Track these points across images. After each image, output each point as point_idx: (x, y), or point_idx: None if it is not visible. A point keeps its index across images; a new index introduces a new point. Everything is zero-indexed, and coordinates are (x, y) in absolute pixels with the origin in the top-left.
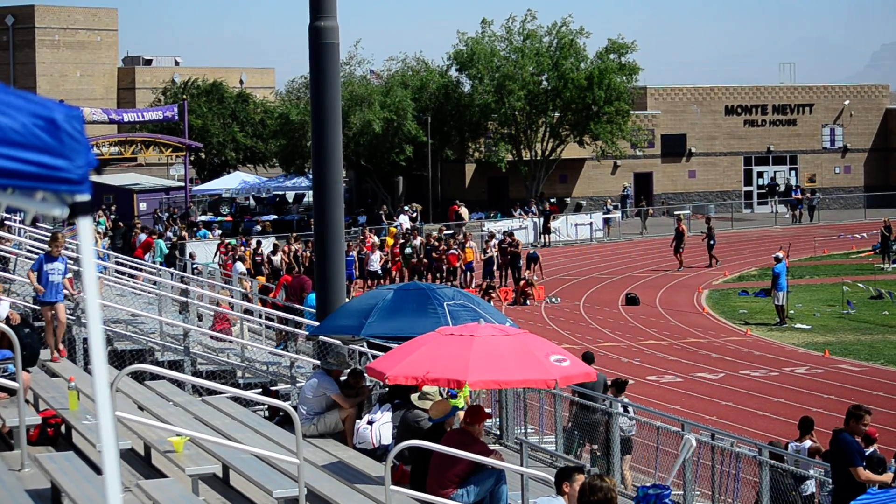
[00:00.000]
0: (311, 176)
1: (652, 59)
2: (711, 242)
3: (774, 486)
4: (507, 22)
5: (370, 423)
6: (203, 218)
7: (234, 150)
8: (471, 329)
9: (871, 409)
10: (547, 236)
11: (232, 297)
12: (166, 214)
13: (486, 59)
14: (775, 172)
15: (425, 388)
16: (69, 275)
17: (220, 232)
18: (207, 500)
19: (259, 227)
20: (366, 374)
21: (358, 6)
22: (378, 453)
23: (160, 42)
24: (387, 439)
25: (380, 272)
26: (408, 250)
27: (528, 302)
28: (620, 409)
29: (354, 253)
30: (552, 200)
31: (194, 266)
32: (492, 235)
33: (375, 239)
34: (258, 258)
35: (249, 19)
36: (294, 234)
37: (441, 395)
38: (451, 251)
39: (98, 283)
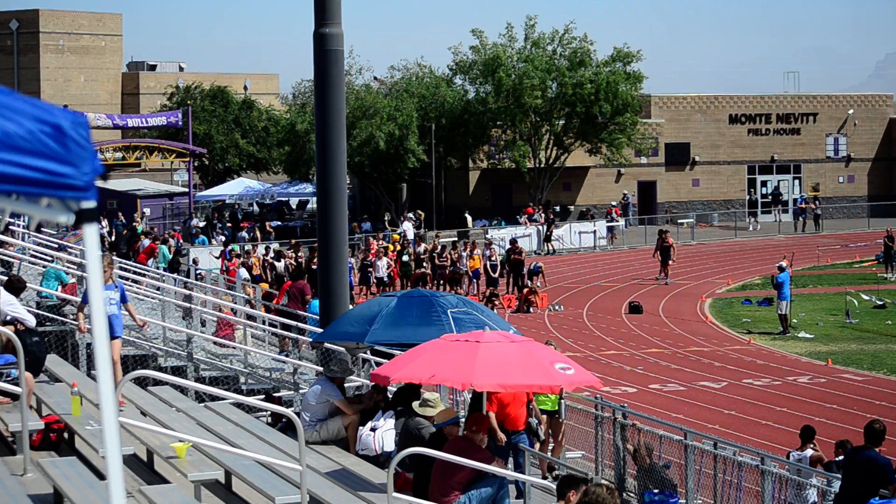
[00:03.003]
0: (315, 182)
1: (656, 68)
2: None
3: None
4: (508, 30)
5: (373, 429)
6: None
7: (238, 156)
8: (476, 335)
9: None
10: (549, 244)
11: (235, 303)
12: (195, 221)
13: (506, 67)
14: (778, 182)
15: (427, 396)
16: (129, 301)
17: (223, 238)
18: None
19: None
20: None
21: (350, 13)
22: (381, 460)
23: (165, 47)
24: (389, 446)
25: (386, 279)
26: (405, 258)
27: (531, 310)
28: None
29: (353, 260)
30: (556, 208)
31: (197, 272)
32: (489, 243)
33: (377, 246)
34: (266, 264)
35: (254, 26)
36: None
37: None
38: (474, 254)
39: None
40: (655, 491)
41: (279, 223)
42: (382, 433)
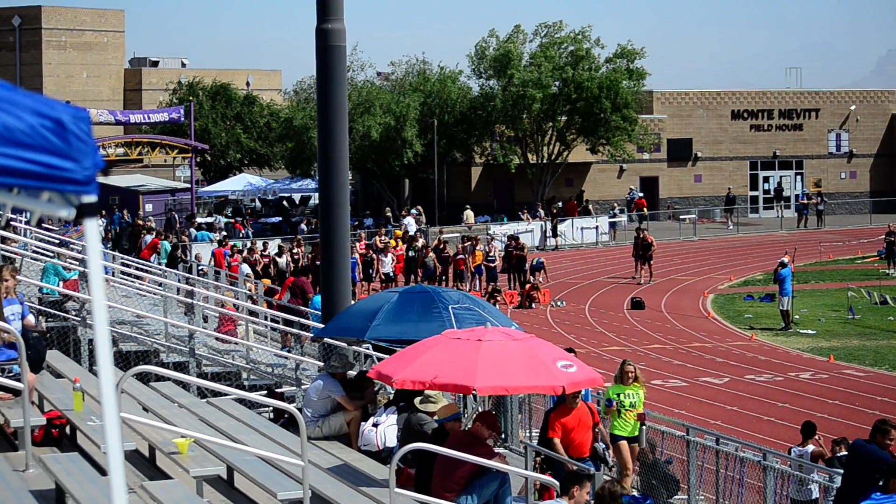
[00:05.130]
0: (317, 178)
1: (659, 64)
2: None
3: None
4: (539, 28)
5: (375, 425)
6: (208, 220)
7: (239, 152)
8: (478, 333)
9: None
10: (555, 239)
11: (237, 298)
12: (217, 218)
13: (517, 64)
14: (781, 177)
15: (428, 392)
16: (28, 317)
17: (224, 234)
18: (212, 501)
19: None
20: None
21: (354, 9)
22: (383, 456)
23: (167, 43)
24: (391, 442)
25: (392, 274)
26: (411, 253)
27: (533, 305)
28: None
29: (358, 255)
30: (559, 204)
31: (199, 268)
32: (491, 239)
33: (362, 245)
34: (265, 259)
35: (256, 21)
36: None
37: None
38: (460, 256)
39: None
40: (634, 493)
41: (281, 219)
42: (384, 429)
